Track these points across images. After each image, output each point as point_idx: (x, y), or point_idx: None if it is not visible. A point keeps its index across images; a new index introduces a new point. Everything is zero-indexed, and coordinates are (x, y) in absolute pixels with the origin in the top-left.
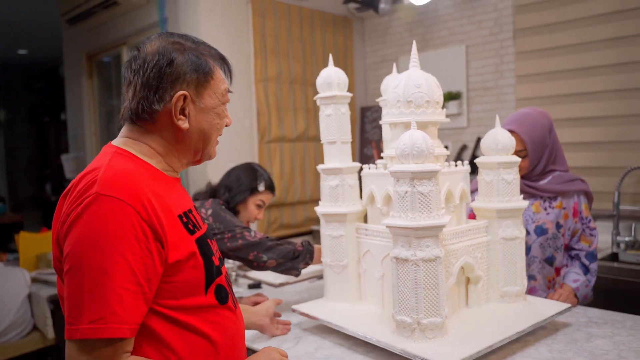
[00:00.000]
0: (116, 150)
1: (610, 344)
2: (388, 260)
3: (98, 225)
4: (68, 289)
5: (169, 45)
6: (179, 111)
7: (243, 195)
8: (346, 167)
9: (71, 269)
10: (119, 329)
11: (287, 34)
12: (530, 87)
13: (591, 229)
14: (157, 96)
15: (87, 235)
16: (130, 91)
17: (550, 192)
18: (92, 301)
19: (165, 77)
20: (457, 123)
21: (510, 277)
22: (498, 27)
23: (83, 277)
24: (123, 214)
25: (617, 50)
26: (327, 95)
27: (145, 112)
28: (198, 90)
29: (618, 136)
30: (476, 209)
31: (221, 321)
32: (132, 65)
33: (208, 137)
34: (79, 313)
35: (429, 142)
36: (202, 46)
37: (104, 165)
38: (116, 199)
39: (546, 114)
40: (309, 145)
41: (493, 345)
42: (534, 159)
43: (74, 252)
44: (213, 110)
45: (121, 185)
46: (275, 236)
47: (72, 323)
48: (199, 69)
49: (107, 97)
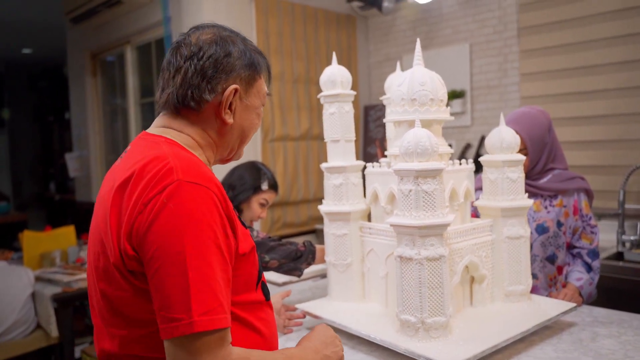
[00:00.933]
0: (166, 140)
1: (617, 343)
2: (392, 259)
3: (190, 213)
4: (166, 283)
5: (225, 36)
6: (228, 104)
7: (246, 194)
8: (350, 165)
9: (168, 261)
10: (225, 318)
11: (290, 32)
12: (535, 85)
13: (592, 227)
14: (210, 86)
15: (180, 224)
16: (179, 77)
17: (551, 190)
18: (200, 292)
19: (221, 68)
20: (461, 122)
21: (515, 276)
22: (502, 25)
23: (186, 269)
24: (210, 201)
25: (622, 48)
26: (330, 94)
27: (193, 100)
28: (247, 87)
29: (623, 134)
30: (480, 208)
31: (267, 317)
32: (183, 50)
33: (246, 135)
34: (187, 307)
35: (433, 140)
36: (250, 43)
37: (169, 153)
38: (201, 185)
39: (545, 112)
40: (313, 144)
41: (498, 345)
42: (533, 157)
43: (169, 243)
44: (255, 109)
45: (199, 173)
46: (278, 235)
47: (182, 318)
48: (251, 66)
49: (111, 96)
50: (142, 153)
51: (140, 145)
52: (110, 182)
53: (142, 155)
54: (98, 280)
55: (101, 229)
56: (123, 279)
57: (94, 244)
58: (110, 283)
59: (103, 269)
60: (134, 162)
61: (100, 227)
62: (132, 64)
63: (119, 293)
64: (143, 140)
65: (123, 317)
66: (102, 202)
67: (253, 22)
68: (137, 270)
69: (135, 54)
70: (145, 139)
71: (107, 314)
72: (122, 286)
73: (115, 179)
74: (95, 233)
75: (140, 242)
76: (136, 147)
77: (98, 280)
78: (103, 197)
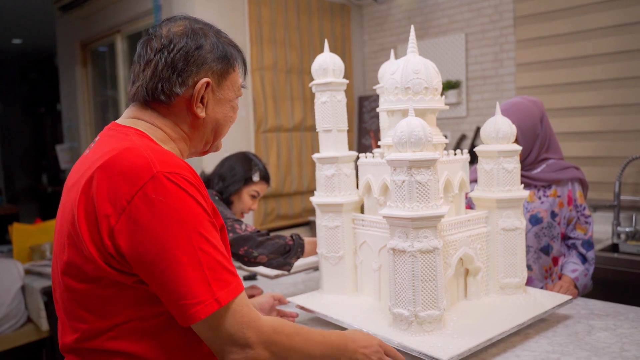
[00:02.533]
0: (136, 131)
1: (613, 336)
2: (385, 252)
3: (180, 201)
4: (180, 274)
5: (196, 29)
6: (199, 98)
7: (237, 185)
8: (342, 155)
9: (176, 254)
10: (239, 283)
11: (283, 22)
12: (531, 75)
13: (586, 217)
14: (181, 79)
15: (176, 215)
16: (149, 70)
17: (544, 180)
18: (213, 271)
19: (192, 61)
20: (456, 112)
21: (510, 269)
22: (498, 14)
23: (197, 255)
24: (192, 187)
25: (619, 38)
26: (322, 82)
27: (164, 93)
28: (220, 80)
29: (619, 125)
30: (475, 199)
31: None
32: (153, 43)
33: (221, 128)
34: (207, 289)
35: (427, 130)
36: (224, 36)
37: (140, 144)
38: (179, 174)
39: (538, 102)
40: (306, 135)
41: (492, 338)
42: (525, 147)
43: (172, 237)
44: (229, 102)
45: (174, 162)
46: (272, 227)
47: (206, 299)
48: (224, 59)
49: (102, 87)
50: (110, 145)
51: (108, 136)
52: (78, 173)
53: (111, 147)
54: (62, 274)
55: (68, 221)
56: (94, 271)
57: (60, 236)
58: (76, 276)
59: (67, 262)
60: (102, 153)
61: (67, 219)
62: (123, 54)
63: (84, 286)
64: (112, 130)
65: (87, 310)
66: (70, 193)
67: (245, 11)
68: (114, 265)
69: (125, 43)
70: (115, 129)
71: (70, 307)
72: (90, 279)
73: (83, 170)
74: (62, 225)
75: (132, 242)
76: (105, 138)
77: (62, 273)
78: (71, 188)
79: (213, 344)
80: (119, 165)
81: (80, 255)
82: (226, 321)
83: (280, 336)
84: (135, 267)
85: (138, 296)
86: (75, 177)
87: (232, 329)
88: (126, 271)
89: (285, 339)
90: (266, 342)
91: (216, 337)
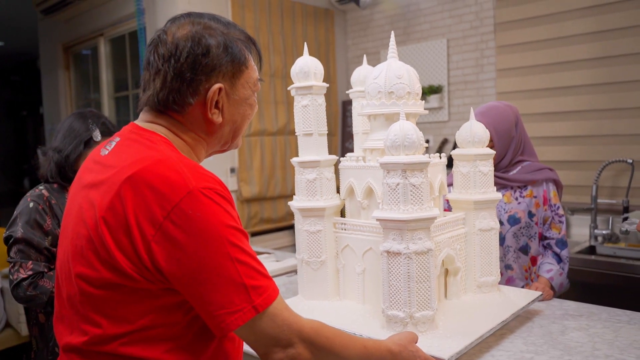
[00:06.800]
0: (161, 139)
1: (585, 336)
2: (370, 255)
3: (215, 215)
4: (219, 286)
5: (201, 30)
6: (213, 105)
7: (77, 151)
8: (324, 159)
9: (217, 267)
10: (275, 289)
11: (267, 26)
12: (511, 80)
13: (559, 216)
14: (191, 89)
15: (214, 229)
16: (159, 80)
17: (520, 181)
18: (250, 278)
19: (200, 69)
20: (438, 117)
21: (486, 268)
22: (479, 20)
23: (233, 264)
24: (225, 202)
25: (597, 44)
26: (304, 85)
27: (176, 104)
28: (233, 81)
29: (596, 130)
30: (453, 201)
31: None
32: (160, 49)
33: (239, 128)
34: (246, 297)
35: (419, 133)
36: (233, 29)
37: (171, 156)
38: (213, 190)
39: (513, 106)
40: (290, 139)
41: (483, 335)
42: (501, 150)
43: (211, 251)
44: (246, 101)
45: (208, 177)
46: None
47: (244, 307)
48: (235, 60)
49: (85, 90)
50: (139, 152)
51: (132, 140)
52: (97, 174)
53: (140, 155)
54: (77, 277)
55: (87, 225)
56: (118, 278)
57: (76, 236)
58: (95, 281)
59: (85, 266)
60: (131, 160)
61: (87, 222)
62: (106, 57)
63: (103, 292)
64: (135, 134)
65: (103, 315)
66: (88, 194)
67: (229, 15)
68: (147, 276)
69: (108, 46)
70: (137, 132)
71: (83, 310)
72: (110, 285)
73: (104, 172)
74: (77, 224)
75: (170, 258)
76: (128, 142)
77: (77, 277)
78: (89, 188)
79: (256, 347)
80: (153, 178)
81: (102, 261)
82: (266, 325)
83: (320, 338)
84: (172, 281)
85: (158, 304)
86: (91, 177)
87: (273, 331)
88: (157, 281)
89: (325, 341)
90: (307, 341)
91: (257, 340)
